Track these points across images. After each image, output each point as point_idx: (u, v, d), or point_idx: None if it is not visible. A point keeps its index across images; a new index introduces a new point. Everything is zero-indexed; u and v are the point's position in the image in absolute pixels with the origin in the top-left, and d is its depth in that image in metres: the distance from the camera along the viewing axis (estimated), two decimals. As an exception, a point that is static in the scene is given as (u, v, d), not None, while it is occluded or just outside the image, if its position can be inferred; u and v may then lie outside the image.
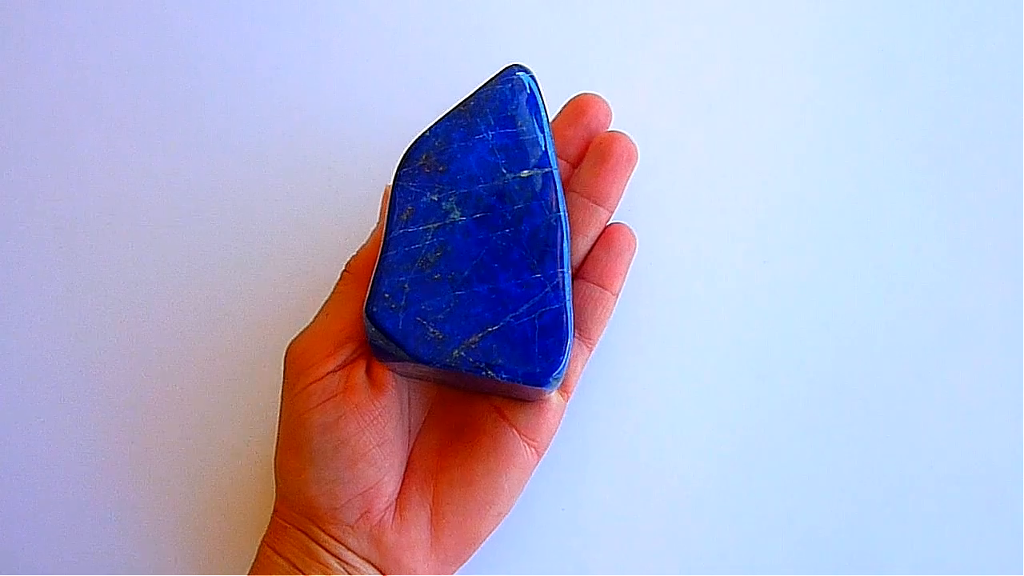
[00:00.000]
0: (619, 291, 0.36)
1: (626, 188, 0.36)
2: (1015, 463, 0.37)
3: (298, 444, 0.33)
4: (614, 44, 0.40)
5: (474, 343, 0.30)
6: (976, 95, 0.40)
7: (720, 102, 0.40)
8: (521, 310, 0.31)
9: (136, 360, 0.40)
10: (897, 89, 0.40)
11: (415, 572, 0.34)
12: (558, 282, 0.31)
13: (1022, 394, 0.38)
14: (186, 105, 0.41)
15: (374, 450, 0.33)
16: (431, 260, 0.31)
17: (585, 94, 0.36)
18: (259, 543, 0.35)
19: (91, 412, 0.40)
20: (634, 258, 0.36)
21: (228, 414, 0.39)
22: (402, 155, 0.32)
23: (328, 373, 0.33)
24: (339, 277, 0.35)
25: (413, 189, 0.32)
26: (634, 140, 0.35)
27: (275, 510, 0.35)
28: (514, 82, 0.32)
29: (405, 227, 0.31)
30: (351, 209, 0.39)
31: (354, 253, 0.35)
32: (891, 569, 0.37)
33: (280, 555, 0.34)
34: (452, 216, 0.31)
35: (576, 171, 0.36)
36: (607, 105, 0.36)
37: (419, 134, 0.32)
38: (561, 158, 0.36)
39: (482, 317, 0.31)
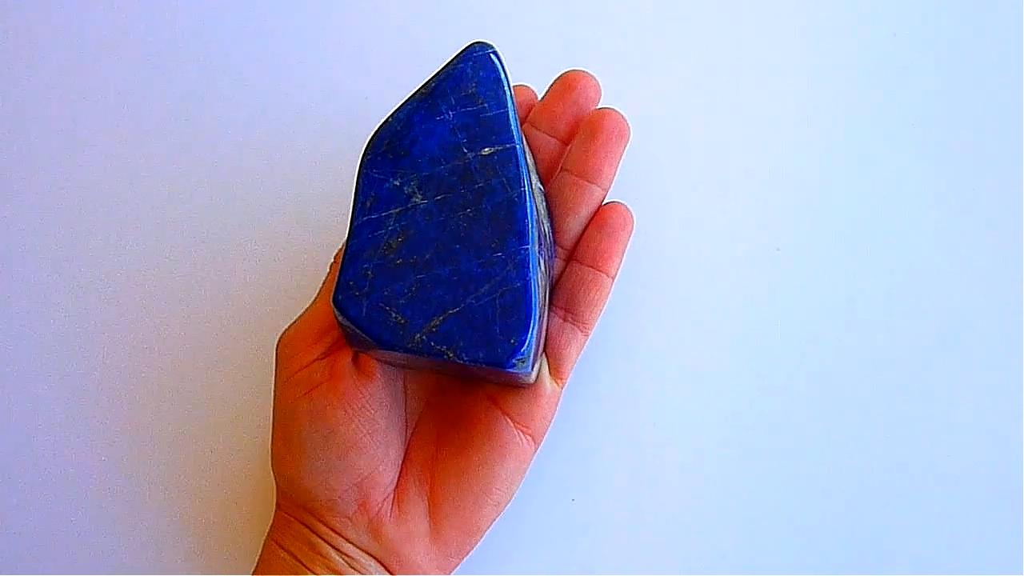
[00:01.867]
0: (615, 273, 0.35)
1: (620, 165, 0.35)
2: (1015, 463, 0.37)
3: (290, 434, 0.33)
4: (617, 19, 0.40)
5: (435, 326, 0.30)
6: (980, 88, 0.39)
7: (725, 79, 0.39)
8: (482, 290, 0.30)
9: (137, 356, 0.40)
10: (905, 74, 0.39)
11: (417, 564, 0.33)
12: (521, 259, 0.30)
13: (1022, 394, 0.37)
14: (179, 101, 0.41)
15: (365, 439, 0.32)
16: (393, 246, 0.31)
17: (573, 70, 0.35)
18: (264, 537, 0.35)
19: (89, 408, 0.39)
20: (631, 238, 0.35)
21: (231, 409, 0.39)
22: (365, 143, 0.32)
23: (313, 361, 0.32)
24: (328, 269, 0.35)
25: (376, 176, 0.31)
26: (627, 117, 0.35)
27: (277, 504, 0.34)
28: (475, 59, 0.32)
29: (368, 214, 0.31)
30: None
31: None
32: (891, 569, 0.37)
33: (284, 549, 0.33)
34: (414, 200, 0.31)
35: (567, 149, 0.35)
36: (596, 81, 0.35)
37: (381, 120, 0.32)
38: (551, 136, 0.35)
39: (443, 300, 0.30)
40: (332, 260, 0.35)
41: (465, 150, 0.31)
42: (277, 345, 0.34)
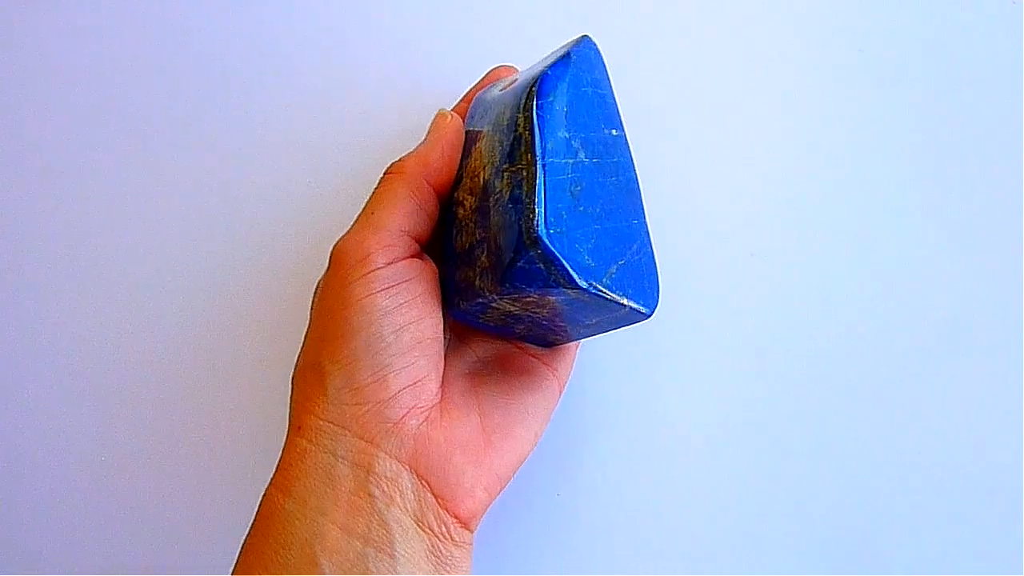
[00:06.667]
0: None
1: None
2: (1015, 463, 0.37)
3: (352, 331, 0.32)
4: (601, 33, 0.39)
5: (613, 272, 0.33)
6: (973, 88, 0.40)
7: (714, 90, 0.41)
8: (634, 248, 0.34)
9: (136, 357, 0.39)
10: (895, 79, 0.40)
11: (464, 473, 0.33)
12: (646, 228, 0.35)
13: (1022, 394, 0.38)
14: (175, 99, 0.40)
15: (429, 340, 0.33)
16: (574, 193, 0.32)
17: None
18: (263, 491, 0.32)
19: (88, 409, 0.39)
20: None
21: (231, 408, 0.39)
22: (532, 86, 0.32)
23: (394, 260, 0.33)
24: (379, 181, 0.34)
25: (550, 120, 0.32)
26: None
27: (295, 429, 0.32)
28: (593, 49, 0.35)
29: (552, 156, 0.32)
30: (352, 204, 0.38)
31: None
32: (891, 569, 0.37)
33: (290, 496, 0.31)
34: (580, 156, 0.33)
35: None
36: None
37: (534, 71, 0.33)
38: None
39: (613, 251, 0.33)
40: (386, 171, 0.34)
41: (603, 126, 0.34)
42: (335, 252, 0.33)
